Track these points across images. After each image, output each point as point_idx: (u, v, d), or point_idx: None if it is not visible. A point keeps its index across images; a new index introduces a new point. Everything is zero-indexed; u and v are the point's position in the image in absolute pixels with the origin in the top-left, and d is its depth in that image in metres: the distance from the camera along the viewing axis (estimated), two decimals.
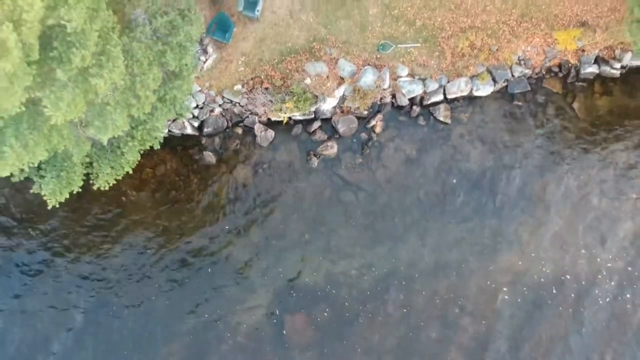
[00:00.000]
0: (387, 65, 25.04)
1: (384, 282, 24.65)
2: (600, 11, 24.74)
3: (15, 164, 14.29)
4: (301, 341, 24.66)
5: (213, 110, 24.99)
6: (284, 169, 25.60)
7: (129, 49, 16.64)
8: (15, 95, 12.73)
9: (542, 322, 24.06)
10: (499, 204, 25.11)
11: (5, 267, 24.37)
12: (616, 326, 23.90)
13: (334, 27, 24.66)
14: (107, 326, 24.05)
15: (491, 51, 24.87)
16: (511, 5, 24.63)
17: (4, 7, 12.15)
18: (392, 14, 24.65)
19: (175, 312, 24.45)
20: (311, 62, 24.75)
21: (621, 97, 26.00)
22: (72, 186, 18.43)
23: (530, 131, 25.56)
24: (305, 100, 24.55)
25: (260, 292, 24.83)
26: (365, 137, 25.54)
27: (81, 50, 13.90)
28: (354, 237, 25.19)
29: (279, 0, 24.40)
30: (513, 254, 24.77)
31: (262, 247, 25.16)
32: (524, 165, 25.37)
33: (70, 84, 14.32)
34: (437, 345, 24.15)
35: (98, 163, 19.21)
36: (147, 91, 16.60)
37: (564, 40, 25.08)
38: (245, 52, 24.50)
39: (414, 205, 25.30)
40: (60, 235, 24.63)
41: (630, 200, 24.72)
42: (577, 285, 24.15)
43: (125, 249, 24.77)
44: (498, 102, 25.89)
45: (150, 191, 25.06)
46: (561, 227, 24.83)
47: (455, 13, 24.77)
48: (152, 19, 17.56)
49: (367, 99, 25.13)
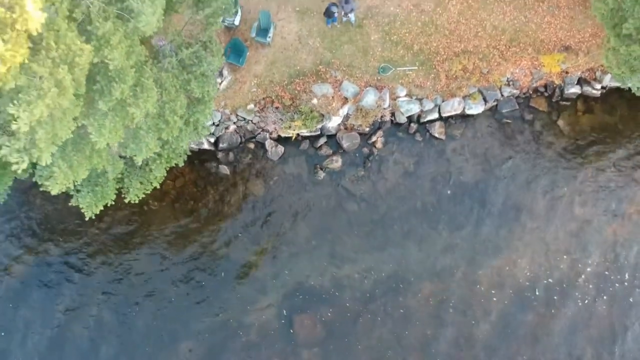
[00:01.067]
0: (387, 86, 25.47)
1: (383, 285, 25.04)
2: (582, 36, 25.42)
3: (63, 182, 15.56)
4: (308, 339, 25.01)
5: (228, 127, 25.46)
6: (293, 181, 26.01)
7: (158, 79, 17.89)
8: (68, 125, 14.30)
9: (526, 321, 24.50)
10: (489, 213, 25.47)
11: (41, 268, 24.96)
12: (593, 325, 24.37)
13: (339, 52, 25.24)
14: (131, 325, 24.54)
15: (482, 73, 25.41)
16: (501, 32, 25.32)
17: (59, 52, 13.79)
18: (391, 40, 25.27)
19: (192, 312, 24.84)
20: (318, 84, 25.14)
21: (601, 115, 26.48)
22: (106, 199, 19.39)
23: (518, 146, 25.97)
24: (312, 119, 25.04)
25: (271, 294, 25.17)
26: (367, 152, 25.93)
27: (120, 84, 15.21)
28: (356, 244, 25.52)
29: (288, 27, 25.04)
30: (501, 259, 25.04)
31: (273, 252, 25.52)
32: (512, 178, 25.73)
33: (110, 113, 15.60)
34: (431, 341, 24.60)
35: (129, 179, 20.17)
36: (175, 116, 17.87)
37: (549, 63, 25.58)
38: (258, 74, 25.05)
39: (412, 214, 25.64)
40: (89, 240, 25.26)
41: (610, 210, 25.24)
42: (558, 288, 24.51)
43: (147, 253, 25.28)
44: (488, 120, 26.30)
45: (171, 201, 25.43)
46: (545, 235, 25.12)
47: (449, 38, 25.34)
48: (178, 51, 18.71)
49: (369, 117, 25.53)
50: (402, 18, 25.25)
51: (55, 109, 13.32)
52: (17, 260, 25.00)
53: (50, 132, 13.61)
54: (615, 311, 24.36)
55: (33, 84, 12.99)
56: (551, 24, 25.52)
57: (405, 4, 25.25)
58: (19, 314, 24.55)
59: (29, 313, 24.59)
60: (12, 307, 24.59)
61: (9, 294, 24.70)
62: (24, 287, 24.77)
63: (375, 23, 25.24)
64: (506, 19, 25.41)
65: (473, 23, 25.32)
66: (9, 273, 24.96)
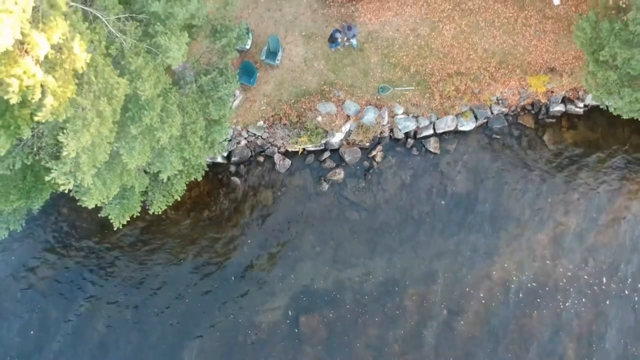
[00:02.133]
0: (385, 105, 26.16)
1: (382, 288, 25.40)
2: (566, 59, 26.31)
3: (98, 198, 17.07)
4: (312, 337, 25.40)
5: (239, 142, 26.18)
6: (299, 192, 26.49)
7: (180, 103, 19.44)
8: (105, 149, 15.88)
9: (512, 322, 25.02)
10: (480, 221, 25.94)
11: (65, 269, 25.82)
12: (574, 326, 24.91)
13: (341, 73, 26.09)
14: (150, 324, 25.25)
15: (473, 93, 26.19)
16: (491, 54, 26.22)
17: (99, 86, 15.39)
18: (390, 62, 26.10)
19: (206, 313, 25.39)
20: (322, 103, 25.91)
21: (584, 131, 27.11)
22: (132, 211, 20.51)
23: (506, 160, 26.58)
24: (317, 135, 25.72)
25: (278, 296, 25.56)
26: (367, 165, 26.47)
27: (150, 112, 16.77)
28: (357, 250, 25.93)
29: (295, 50, 26.03)
30: (490, 264, 25.46)
31: (280, 258, 25.94)
32: (501, 189, 26.24)
33: (139, 136, 17.03)
34: (425, 339, 24.97)
35: (152, 192, 21.29)
36: (195, 137, 19.31)
37: (535, 84, 26.36)
38: (267, 94, 25.92)
39: (408, 223, 26.07)
40: (110, 245, 26.10)
41: (590, 218, 25.91)
42: (541, 291, 25.00)
43: (164, 258, 25.97)
44: (479, 136, 26.83)
45: (187, 211, 26.06)
46: (531, 241, 25.62)
47: (443, 61, 26.12)
48: (197, 77, 20.31)
49: (369, 133, 26.15)
50: (400, 42, 26.26)
51: (96, 137, 14.93)
52: (45, 261, 26.05)
53: (92, 157, 15.18)
54: (593, 312, 25.03)
55: (78, 115, 14.60)
56: (537, 47, 26.50)
57: (402, 29, 26.28)
58: (45, 311, 25.61)
59: (55, 309, 25.66)
60: (39, 305, 25.63)
61: (37, 293, 25.71)
62: (51, 284, 25.77)
63: (375, 47, 26.24)
64: (496, 43, 26.42)
65: (465, 46, 26.35)
66: (37, 273, 25.98)
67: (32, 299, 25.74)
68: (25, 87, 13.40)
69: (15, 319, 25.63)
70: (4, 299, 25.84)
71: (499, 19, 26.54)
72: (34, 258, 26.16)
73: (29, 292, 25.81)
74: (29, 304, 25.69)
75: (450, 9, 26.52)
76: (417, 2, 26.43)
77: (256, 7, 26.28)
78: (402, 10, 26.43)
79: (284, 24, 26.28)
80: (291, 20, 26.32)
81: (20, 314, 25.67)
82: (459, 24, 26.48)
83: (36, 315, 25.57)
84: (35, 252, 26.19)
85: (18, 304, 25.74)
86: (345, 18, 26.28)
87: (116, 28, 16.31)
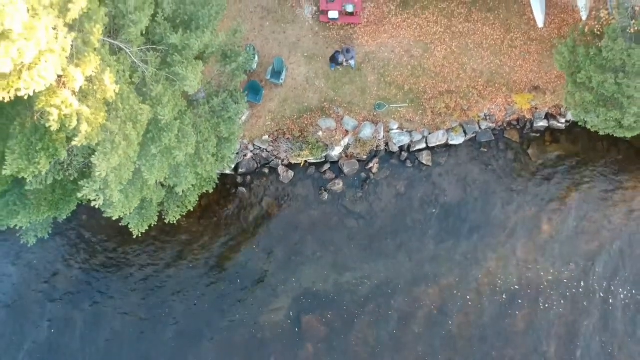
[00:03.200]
0: (381, 120, 27.51)
1: (377, 290, 26.56)
2: (549, 78, 27.77)
3: (121, 210, 18.80)
4: (313, 336, 26.51)
5: (246, 155, 27.51)
6: (301, 201, 27.73)
7: (194, 123, 21.17)
8: (130, 168, 17.57)
9: (496, 322, 26.28)
10: (468, 229, 27.21)
11: (87, 272, 27.21)
12: (554, 326, 26.19)
13: (341, 91, 27.51)
14: (164, 323, 26.55)
15: (463, 110, 27.60)
16: (479, 74, 27.66)
17: (125, 112, 17.06)
18: (385, 81, 27.54)
19: (214, 313, 26.62)
20: (323, 119, 27.25)
21: (566, 144, 28.43)
22: (150, 220, 22.08)
23: (494, 172, 27.89)
24: (318, 148, 27.09)
25: (282, 298, 26.75)
26: (365, 176, 27.75)
27: (169, 133, 18.48)
28: (355, 255, 27.07)
29: (298, 70, 27.51)
30: (477, 268, 26.72)
31: (283, 262, 27.13)
32: (488, 198, 27.56)
33: (159, 155, 18.70)
34: (417, 337, 26.14)
35: (168, 203, 22.85)
36: (208, 154, 20.99)
37: (520, 101, 27.81)
38: (272, 110, 27.35)
39: (402, 230, 27.29)
40: (128, 251, 27.51)
41: (571, 226, 27.26)
42: (523, 294, 26.27)
43: (176, 262, 27.28)
44: (468, 149, 28.14)
45: (197, 218, 27.24)
46: (515, 247, 26.88)
47: (435, 80, 27.57)
48: (210, 99, 21.99)
49: (366, 147, 27.54)
50: (395, 62, 27.78)
51: (123, 158, 16.64)
52: (67, 264, 27.53)
53: (119, 175, 16.89)
54: (573, 313, 26.38)
55: (108, 138, 16.32)
56: (523, 67, 28.00)
57: (397, 50, 27.84)
58: (66, 309, 27.14)
59: (74, 308, 27.18)
60: (65, 304, 27.15)
61: (59, 292, 27.24)
62: (72, 284, 27.28)
63: (372, 67, 27.77)
64: (484, 63, 27.93)
65: (455, 66, 27.86)
66: (58, 275, 27.48)
67: (54, 299, 27.26)
68: (63, 115, 15.12)
69: (38, 316, 27.14)
70: (30, 299, 27.31)
71: (487, 41, 28.06)
72: (55, 262, 27.66)
73: (51, 292, 27.31)
74: (52, 303, 27.19)
75: (442, 31, 28.03)
76: (410, 26, 27.97)
77: (262, 29, 27.81)
78: (397, 33, 27.92)
79: (288, 45, 27.82)
80: (294, 42, 27.85)
81: (43, 312, 27.14)
82: (450, 46, 27.97)
83: (57, 312, 27.06)
84: (57, 256, 27.70)
85: (41, 304, 27.21)
86: (344, 40, 27.80)
87: (138, 58, 17.96)
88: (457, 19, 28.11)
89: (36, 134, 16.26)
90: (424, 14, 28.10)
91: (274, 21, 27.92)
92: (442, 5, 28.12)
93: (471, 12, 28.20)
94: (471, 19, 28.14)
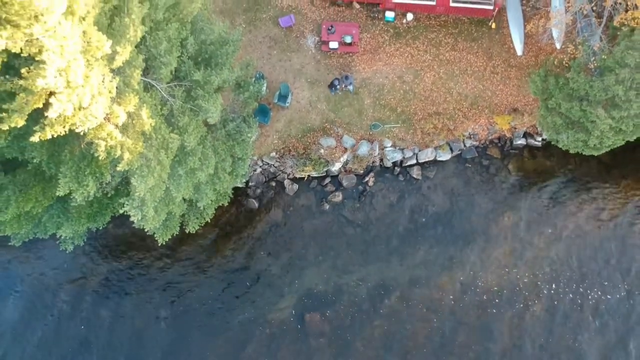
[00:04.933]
0: (377, 139, 29.70)
1: (372, 290, 28.42)
2: (527, 101, 30.10)
3: (152, 222, 21.40)
4: (315, 331, 28.23)
5: (256, 170, 29.76)
6: (304, 211, 29.71)
7: (213, 145, 23.84)
8: (161, 188, 20.22)
9: (475, 318, 28.22)
10: (454, 236, 29.22)
11: (113, 274, 29.42)
12: (527, 323, 28.06)
13: (340, 113, 29.80)
14: (187, 320, 28.59)
15: (449, 129, 29.86)
16: (464, 97, 30.02)
17: (158, 141, 19.71)
18: (380, 104, 29.87)
19: (227, 312, 28.61)
20: (324, 137, 29.43)
21: (542, 160, 30.61)
22: (173, 230, 24.53)
23: (477, 185, 30.02)
24: (320, 164, 29.24)
25: (287, 297, 28.63)
26: (362, 189, 29.80)
27: (193, 157, 21.18)
28: (353, 259, 28.96)
29: (302, 94, 29.91)
30: (461, 271, 28.72)
31: (289, 265, 29.05)
32: (472, 209, 29.60)
33: (184, 176, 21.52)
34: (407, 332, 27.96)
35: (188, 215, 25.28)
36: (224, 173, 23.67)
37: (501, 122, 30.12)
38: (278, 130, 29.66)
39: (395, 237, 29.23)
40: (150, 256, 29.71)
41: (545, 233, 29.34)
42: (501, 294, 28.25)
43: (193, 266, 29.39)
44: (454, 165, 30.23)
45: (211, 227, 28.76)
46: (495, 253, 28.83)
47: (424, 103, 29.91)
48: (225, 124, 24.57)
49: (363, 163, 29.69)
50: (388, 87, 30.25)
51: (157, 180, 19.32)
52: (95, 268, 29.97)
53: (153, 194, 19.57)
54: (546, 311, 28.41)
55: (145, 164, 18.99)
56: (503, 91, 30.43)
57: (390, 77, 30.34)
58: (95, 308, 29.52)
59: (102, 307, 29.55)
60: (94, 302, 29.58)
61: (89, 294, 29.66)
62: (100, 286, 29.64)
63: (368, 91, 30.22)
64: (468, 88, 30.36)
65: (443, 91, 30.31)
66: (91, 278, 29.84)
67: (84, 300, 29.74)
68: (109, 146, 17.81)
69: (69, 315, 29.55)
70: (60, 299, 29.81)
71: (471, 67, 30.56)
72: (85, 265, 30.08)
73: (82, 293, 29.75)
74: (82, 301, 29.67)
75: (431, 59, 30.55)
76: (402, 54, 30.53)
77: (270, 58, 30.39)
78: (391, 60, 30.48)
79: (293, 72, 30.35)
80: (299, 69, 30.39)
81: (74, 311, 29.57)
82: (438, 72, 30.46)
83: (88, 308, 29.46)
84: (87, 260, 30.08)
85: (74, 301, 29.68)
86: (343, 67, 30.33)
87: (167, 93, 20.64)
88: (445, 47, 30.65)
89: (84, 160, 18.92)
90: (415, 44, 30.67)
91: (280, 50, 30.46)
92: (431, 36, 30.67)
93: (457, 41, 30.74)
94: (457, 47, 30.67)
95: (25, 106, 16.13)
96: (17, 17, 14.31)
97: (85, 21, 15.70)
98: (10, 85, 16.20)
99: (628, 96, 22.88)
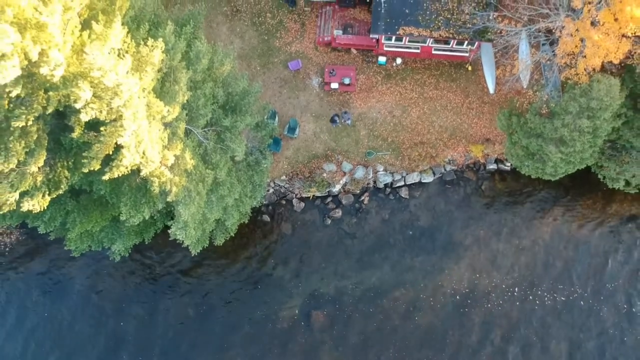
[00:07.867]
0: (371, 164, 33.40)
1: (368, 293, 31.72)
2: (498, 133, 33.81)
3: (190, 239, 25.58)
4: (319, 327, 31.39)
5: (269, 190, 33.52)
6: (310, 225, 33.23)
7: (237, 175, 28.22)
8: (200, 212, 24.64)
9: (454, 319, 31.50)
10: (437, 246, 32.64)
11: (147, 279, 33.32)
12: (502, 324, 31.25)
13: (340, 142, 33.64)
14: (210, 320, 32.10)
15: (432, 156, 33.72)
16: (444, 129, 33.89)
17: (197, 176, 24.14)
18: (374, 134, 33.66)
19: (242, 311, 31.91)
20: (326, 163, 33.12)
21: (511, 182, 34.24)
22: (204, 244, 28.44)
23: (456, 203, 33.67)
24: (323, 186, 32.97)
25: (295, 298, 32.00)
26: (358, 207, 33.33)
27: (223, 187, 25.54)
28: (351, 266, 32.23)
29: (308, 126, 33.88)
30: (442, 277, 32.12)
31: (296, 271, 32.42)
32: (451, 223, 33.10)
33: (216, 201, 25.94)
34: (398, 328, 31.20)
35: (216, 231, 29.28)
36: (246, 197, 28.14)
37: (476, 150, 33.92)
38: (288, 157, 33.54)
39: (386, 247, 32.58)
40: (178, 264, 33.53)
41: (514, 244, 32.99)
42: (476, 297, 31.74)
43: (215, 272, 33.10)
44: (437, 186, 33.85)
45: (230, 239, 31.27)
46: (472, 260, 32.39)
47: (411, 134, 33.69)
48: (246, 157, 28.93)
49: (359, 184, 33.32)
50: (380, 120, 34.21)
51: (197, 207, 23.77)
52: (134, 273, 33.87)
53: (194, 218, 24.00)
54: (519, 314, 31.86)
55: (187, 195, 23.45)
56: (477, 124, 34.39)
57: (382, 112, 34.41)
58: (133, 308, 33.51)
59: (137, 307, 33.44)
60: (134, 303, 33.50)
61: (133, 293, 33.61)
62: (143, 288, 33.43)
63: (364, 124, 34.18)
64: (448, 121, 34.35)
65: (426, 124, 34.29)
66: (130, 281, 33.70)
67: (128, 300, 33.79)
68: (161, 182, 22.28)
69: (112, 312, 33.46)
70: (107, 299, 33.71)
71: (451, 104, 34.64)
72: (127, 272, 34.14)
73: (123, 294, 33.78)
74: (124, 302, 33.65)
75: (416, 97, 34.66)
76: (393, 92, 34.72)
77: (280, 96, 34.66)
78: (382, 98, 34.60)
79: (300, 107, 34.55)
80: (305, 105, 34.56)
81: (105, 315, 33.42)
82: (422, 108, 34.50)
83: (127, 309, 33.47)
84: (130, 268, 34.08)
85: (117, 301, 33.61)
86: (342, 104, 34.49)
87: (202, 136, 25.05)
88: (428, 87, 34.76)
89: (140, 192, 23.38)
90: (403, 84, 34.82)
91: (289, 89, 34.66)
92: (417, 77, 34.89)
93: (439, 81, 34.84)
94: (439, 87, 34.77)
95: (100, 154, 20.60)
96: (103, 92, 18.80)
97: (148, 93, 20.20)
98: (87, 137, 20.62)
99: (572, 136, 27.26)
